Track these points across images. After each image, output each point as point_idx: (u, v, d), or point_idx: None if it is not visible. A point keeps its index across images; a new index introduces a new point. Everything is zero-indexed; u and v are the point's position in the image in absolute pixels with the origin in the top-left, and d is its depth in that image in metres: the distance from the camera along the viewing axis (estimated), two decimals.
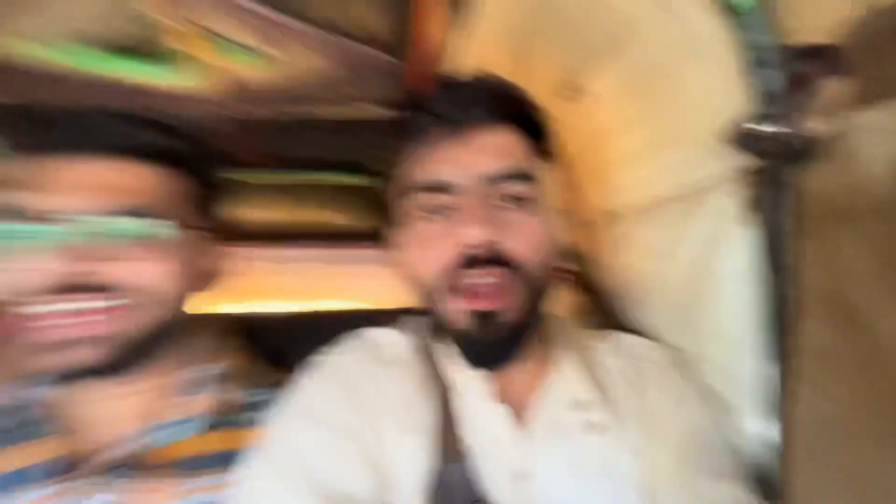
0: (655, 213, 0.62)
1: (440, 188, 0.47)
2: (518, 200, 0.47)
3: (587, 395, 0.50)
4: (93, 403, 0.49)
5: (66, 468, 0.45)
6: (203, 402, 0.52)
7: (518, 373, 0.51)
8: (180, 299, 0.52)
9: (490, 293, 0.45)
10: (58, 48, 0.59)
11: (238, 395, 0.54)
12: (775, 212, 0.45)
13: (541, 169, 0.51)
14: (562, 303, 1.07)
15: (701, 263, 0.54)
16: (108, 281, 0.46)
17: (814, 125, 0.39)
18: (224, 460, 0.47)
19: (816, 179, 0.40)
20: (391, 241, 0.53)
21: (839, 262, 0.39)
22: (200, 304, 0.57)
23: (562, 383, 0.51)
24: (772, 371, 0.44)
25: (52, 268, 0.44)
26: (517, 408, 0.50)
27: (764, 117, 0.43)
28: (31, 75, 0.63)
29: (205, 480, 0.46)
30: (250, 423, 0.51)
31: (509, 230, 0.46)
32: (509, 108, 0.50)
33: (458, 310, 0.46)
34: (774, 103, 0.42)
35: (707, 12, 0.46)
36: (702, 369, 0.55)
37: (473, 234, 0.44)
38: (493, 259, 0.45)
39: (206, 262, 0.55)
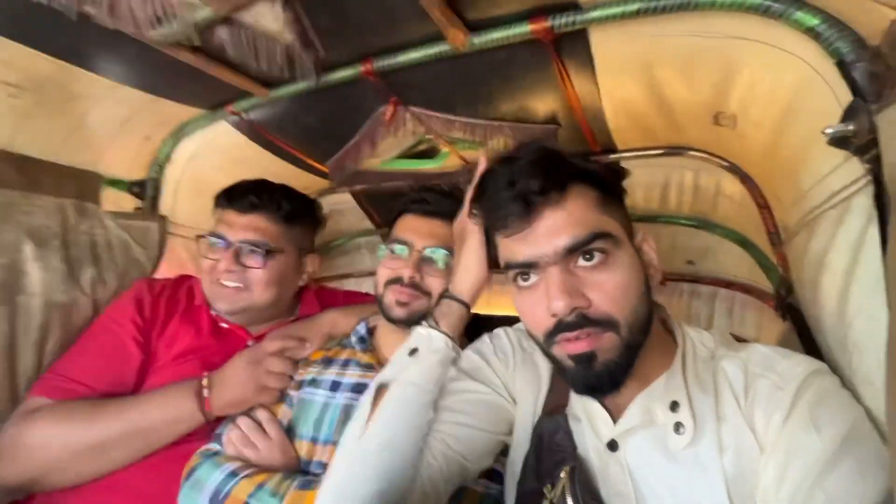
0: (815, 223, 0.61)
1: (527, 266, 0.56)
2: (599, 257, 0.54)
3: (684, 399, 0.55)
4: (389, 340, 0.92)
5: (372, 367, 0.88)
6: None
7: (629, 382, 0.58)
8: None
9: (584, 343, 0.53)
10: (386, 162, 1.16)
11: None
12: (881, 204, 0.44)
13: (619, 214, 0.58)
14: (767, 329, 0.96)
15: (848, 271, 0.53)
16: (423, 285, 0.85)
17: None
18: None
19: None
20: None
21: None
22: None
23: (665, 387, 0.57)
24: None
25: (402, 270, 0.84)
26: (622, 402, 0.59)
27: (847, 117, 0.46)
28: (378, 174, 1.24)
29: None
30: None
31: (593, 290, 0.53)
32: (563, 175, 0.55)
33: (561, 354, 0.55)
34: (855, 103, 0.45)
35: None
36: (855, 385, 0.51)
37: (557, 307, 0.52)
38: (580, 322, 0.52)
39: None
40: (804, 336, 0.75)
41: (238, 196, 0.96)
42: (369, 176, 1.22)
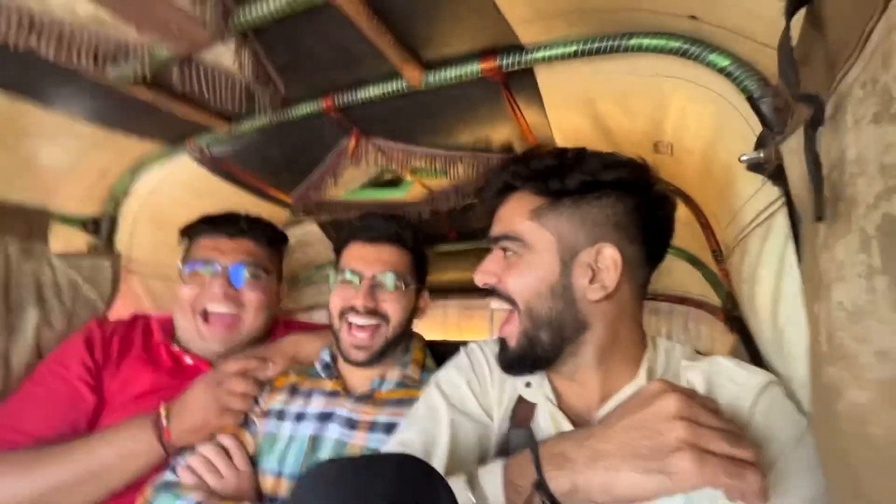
0: (747, 240, 0.66)
1: (489, 243, 0.68)
2: (509, 253, 0.63)
3: None
4: (351, 369, 0.91)
5: (337, 393, 0.86)
6: (400, 372, 0.88)
7: (582, 385, 0.62)
8: (408, 323, 0.92)
9: (504, 322, 0.63)
10: (351, 192, 1.18)
11: (416, 372, 0.89)
12: (794, 221, 0.49)
13: (564, 227, 0.61)
14: (719, 341, 1.01)
15: (776, 284, 0.57)
16: (379, 309, 0.86)
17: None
18: (402, 402, 0.81)
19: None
20: None
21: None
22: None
23: (630, 393, 0.59)
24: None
25: (355, 300, 0.84)
26: (587, 410, 0.62)
27: (758, 145, 0.51)
28: (343, 204, 1.25)
29: (389, 409, 0.81)
30: (418, 387, 0.84)
31: (507, 275, 0.62)
32: (511, 180, 0.65)
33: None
34: (764, 133, 0.51)
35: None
36: (794, 390, 0.55)
37: (476, 277, 0.65)
38: (493, 292, 0.63)
39: (420, 304, 0.95)
40: (750, 346, 0.80)
41: (225, 222, 1.00)
42: (335, 206, 1.23)
